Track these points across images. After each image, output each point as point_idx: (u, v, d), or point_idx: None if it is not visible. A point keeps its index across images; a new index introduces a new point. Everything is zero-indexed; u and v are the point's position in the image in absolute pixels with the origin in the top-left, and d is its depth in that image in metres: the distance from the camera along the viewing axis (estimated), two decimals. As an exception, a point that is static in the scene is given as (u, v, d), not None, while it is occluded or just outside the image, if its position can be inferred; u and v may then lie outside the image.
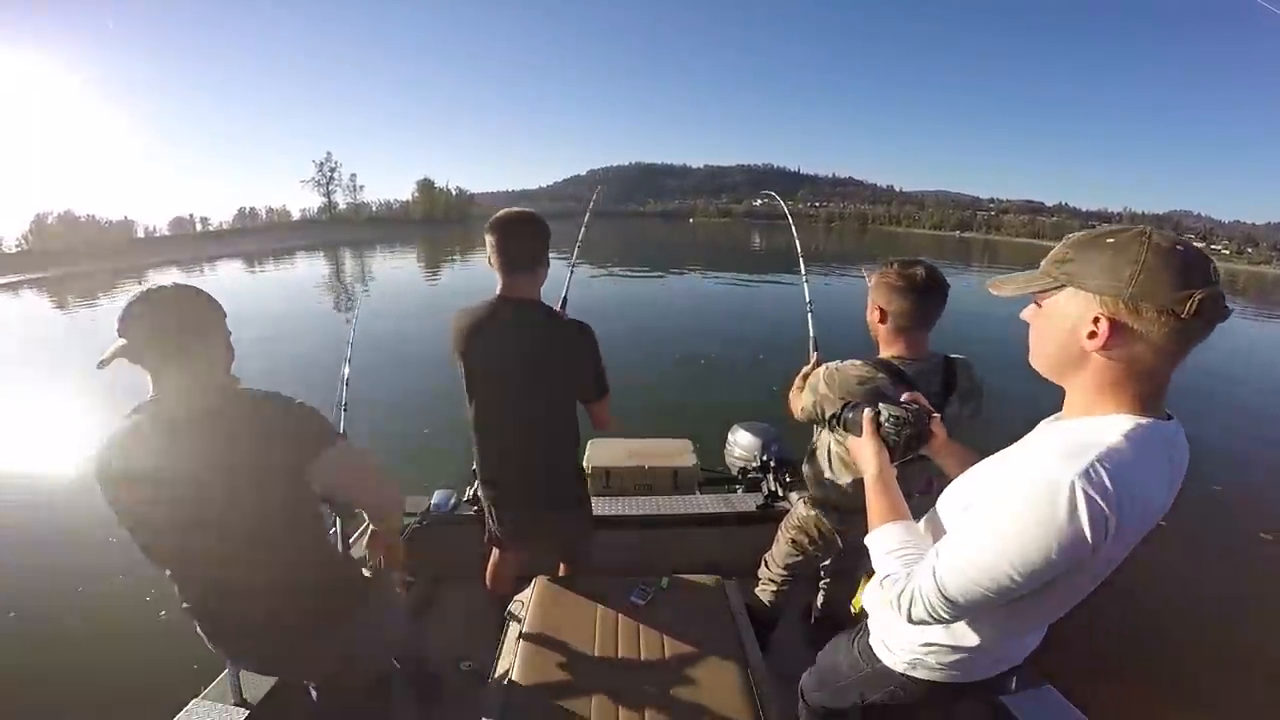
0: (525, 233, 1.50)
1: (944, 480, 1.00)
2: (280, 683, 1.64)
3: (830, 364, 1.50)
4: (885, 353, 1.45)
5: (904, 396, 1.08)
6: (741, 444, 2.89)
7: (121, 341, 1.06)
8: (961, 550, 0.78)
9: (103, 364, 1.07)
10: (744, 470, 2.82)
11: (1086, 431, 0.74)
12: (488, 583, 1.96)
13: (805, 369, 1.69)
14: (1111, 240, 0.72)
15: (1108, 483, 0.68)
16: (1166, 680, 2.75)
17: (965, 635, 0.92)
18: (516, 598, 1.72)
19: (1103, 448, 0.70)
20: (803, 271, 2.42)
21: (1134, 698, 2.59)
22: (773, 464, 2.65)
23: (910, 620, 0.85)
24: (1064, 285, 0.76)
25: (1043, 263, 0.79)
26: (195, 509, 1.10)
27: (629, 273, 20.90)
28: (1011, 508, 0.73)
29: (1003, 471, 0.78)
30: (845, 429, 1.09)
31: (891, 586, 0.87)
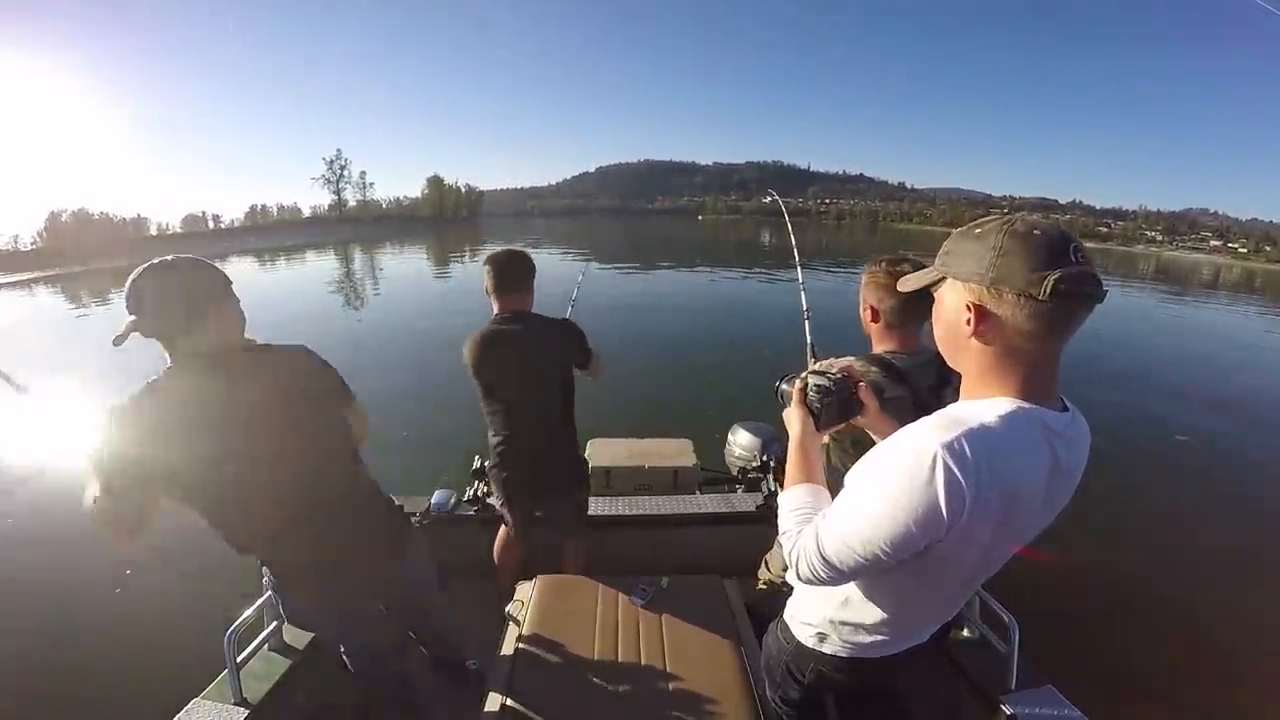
0: (516, 266, 1.90)
1: None
2: (291, 669, 1.63)
3: (826, 360, 1.51)
4: (878, 349, 1.46)
5: (836, 369, 1.10)
6: (741, 444, 2.90)
7: (133, 318, 1.04)
8: (838, 512, 0.81)
9: (118, 340, 1.04)
10: (744, 470, 2.82)
11: (964, 410, 0.76)
12: (495, 557, 2.10)
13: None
14: (979, 230, 0.74)
15: (968, 454, 0.69)
16: (1166, 681, 2.73)
17: (861, 608, 0.95)
18: (516, 598, 1.73)
19: (974, 423, 0.71)
20: (799, 279, 2.40)
21: (1134, 698, 2.58)
22: (773, 464, 2.64)
23: (799, 578, 0.88)
24: (944, 277, 0.78)
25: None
26: (249, 442, 1.13)
27: (634, 271, 20.86)
28: (883, 475, 0.75)
29: (888, 443, 0.79)
30: (780, 400, 1.13)
31: (786, 543, 0.90)
